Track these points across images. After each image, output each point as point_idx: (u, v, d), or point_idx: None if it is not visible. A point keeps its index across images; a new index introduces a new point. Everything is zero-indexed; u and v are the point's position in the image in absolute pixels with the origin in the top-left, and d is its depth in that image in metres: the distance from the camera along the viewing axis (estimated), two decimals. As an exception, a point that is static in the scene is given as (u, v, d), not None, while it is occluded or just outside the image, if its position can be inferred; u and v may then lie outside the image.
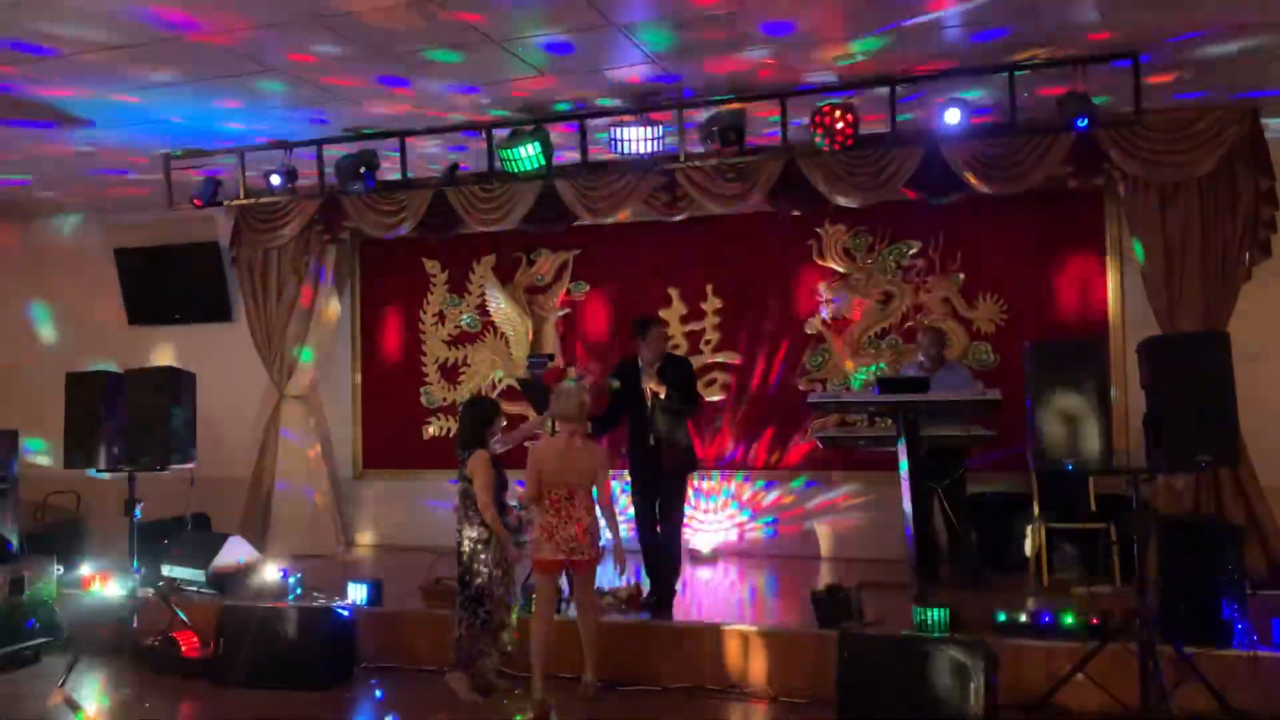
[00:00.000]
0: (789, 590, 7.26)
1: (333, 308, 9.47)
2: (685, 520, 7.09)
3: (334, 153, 7.37)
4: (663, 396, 6.55)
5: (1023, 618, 5.76)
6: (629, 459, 6.79)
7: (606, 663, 6.02)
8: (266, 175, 7.54)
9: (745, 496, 8.68)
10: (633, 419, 6.70)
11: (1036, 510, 7.15)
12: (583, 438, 5.64)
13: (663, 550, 6.68)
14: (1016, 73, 6.11)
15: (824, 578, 6.87)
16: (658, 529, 6.68)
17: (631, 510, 6.93)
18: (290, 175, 7.55)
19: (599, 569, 5.75)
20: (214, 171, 7.85)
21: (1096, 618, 5.65)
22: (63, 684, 6.24)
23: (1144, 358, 5.44)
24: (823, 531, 8.48)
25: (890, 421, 6.76)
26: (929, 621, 5.68)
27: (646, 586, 6.73)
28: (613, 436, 6.80)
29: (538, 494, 5.57)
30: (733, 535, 8.66)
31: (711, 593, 7.41)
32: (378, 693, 6.09)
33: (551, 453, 5.60)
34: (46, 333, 10.40)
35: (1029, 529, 7.18)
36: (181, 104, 6.64)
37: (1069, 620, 5.69)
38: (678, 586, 6.77)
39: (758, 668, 5.91)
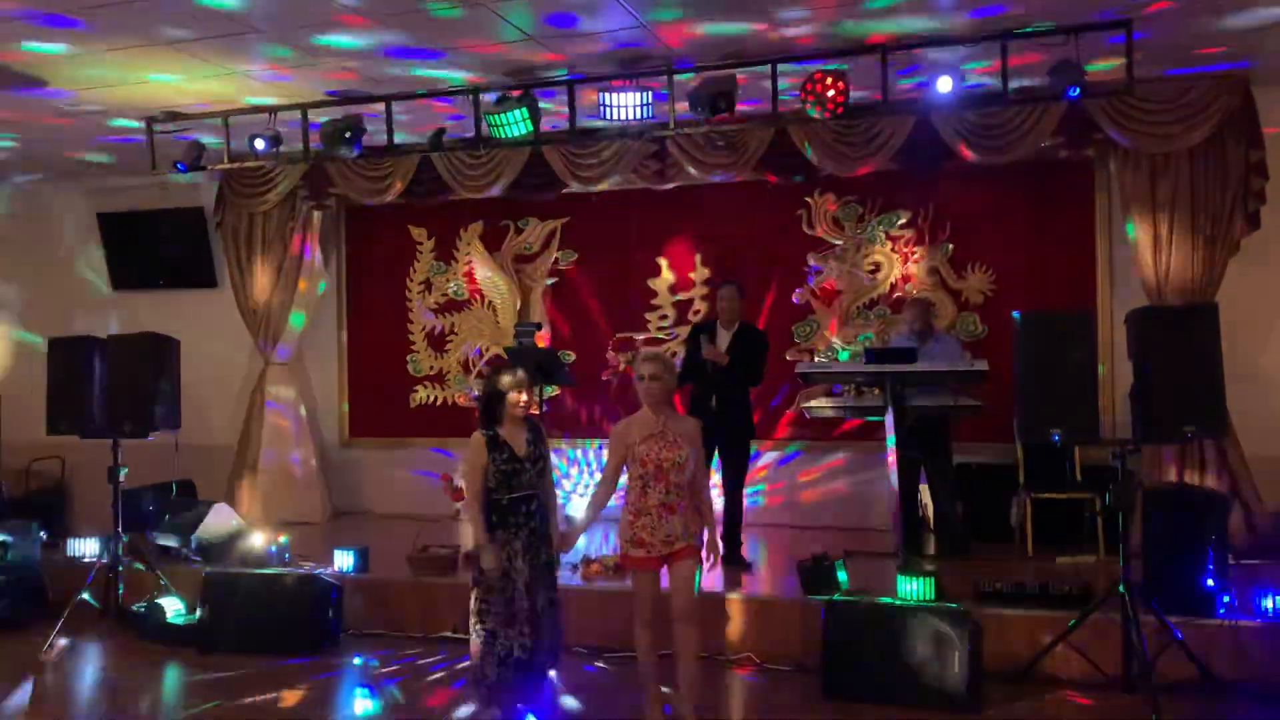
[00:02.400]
0: (775, 559, 7.29)
1: (318, 275, 9.40)
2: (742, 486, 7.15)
3: (319, 118, 7.28)
4: (724, 365, 6.72)
5: (1008, 587, 5.79)
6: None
7: (591, 631, 6.05)
8: (251, 140, 7.44)
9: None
10: (695, 384, 6.79)
11: (1022, 480, 7.18)
12: (670, 409, 4.71)
13: (727, 518, 6.87)
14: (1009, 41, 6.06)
15: (810, 547, 6.88)
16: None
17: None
18: (275, 140, 7.46)
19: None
20: (197, 136, 7.75)
21: (1080, 587, 5.69)
22: (48, 649, 6.23)
23: (1132, 329, 5.45)
24: (809, 501, 8.50)
25: (878, 392, 6.77)
26: (914, 591, 5.71)
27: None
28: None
29: (614, 477, 4.66)
30: (719, 505, 8.65)
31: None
32: (365, 659, 6.09)
33: (640, 428, 4.58)
34: (27, 296, 10.30)
35: (1014, 499, 7.22)
36: (166, 61, 6.54)
37: (1053, 590, 5.72)
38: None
39: (744, 635, 5.94)
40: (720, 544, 4.87)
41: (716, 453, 6.84)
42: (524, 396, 4.69)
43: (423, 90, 7.06)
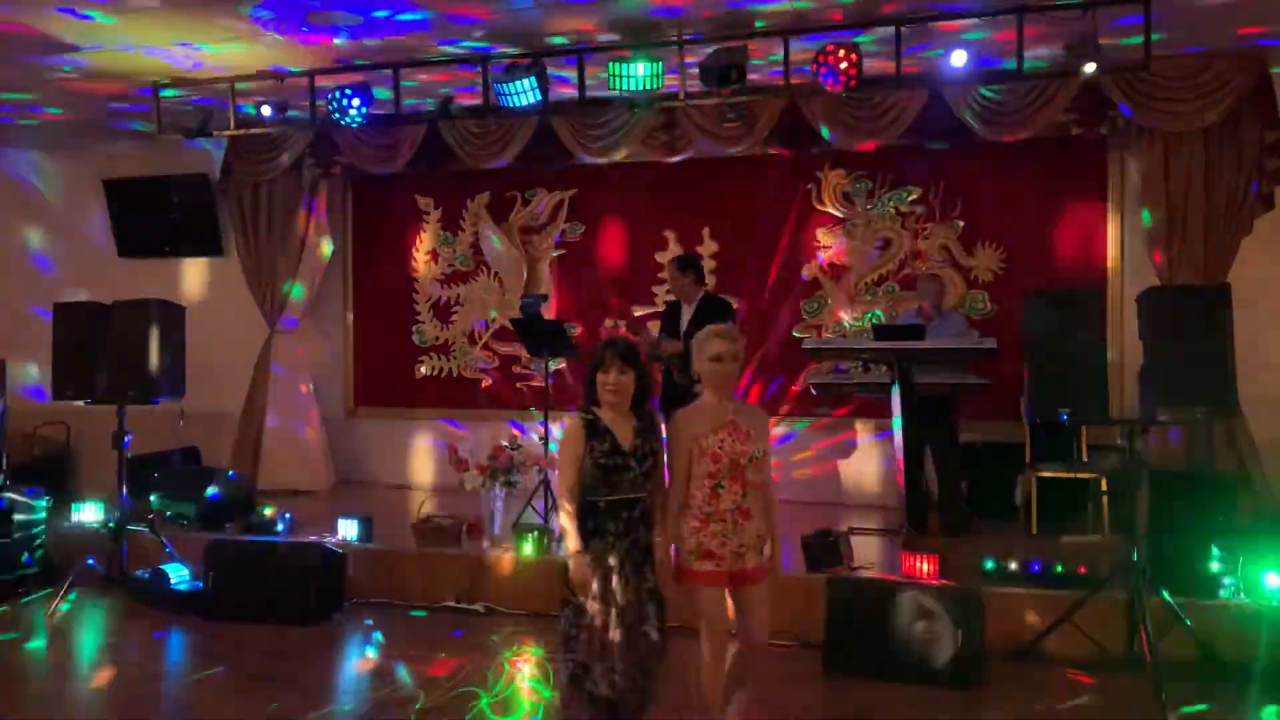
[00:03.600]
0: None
1: (325, 243, 9.36)
2: None
3: (327, 84, 7.22)
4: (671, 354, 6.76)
5: (1011, 566, 5.78)
6: (660, 400, 6.86)
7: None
8: (258, 105, 7.39)
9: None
10: (664, 366, 6.82)
11: (1028, 459, 7.16)
12: (732, 397, 4.00)
13: None
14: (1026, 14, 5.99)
15: (814, 523, 6.88)
16: None
17: None
18: (281, 106, 7.41)
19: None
20: (204, 101, 7.70)
21: (1085, 567, 5.69)
22: (51, 616, 6.26)
23: (1143, 309, 5.40)
24: (814, 477, 8.49)
25: (885, 368, 6.74)
26: (918, 568, 5.71)
27: None
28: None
29: (687, 478, 3.86)
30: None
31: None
32: (369, 629, 6.11)
33: (706, 419, 3.89)
34: (35, 263, 10.28)
35: (1019, 478, 7.20)
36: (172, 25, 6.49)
37: (1057, 569, 5.72)
38: None
39: (746, 610, 5.93)
40: (780, 567, 4.07)
41: None
42: (612, 376, 3.80)
43: (431, 58, 7.00)
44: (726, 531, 3.83)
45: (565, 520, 3.82)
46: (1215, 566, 5.42)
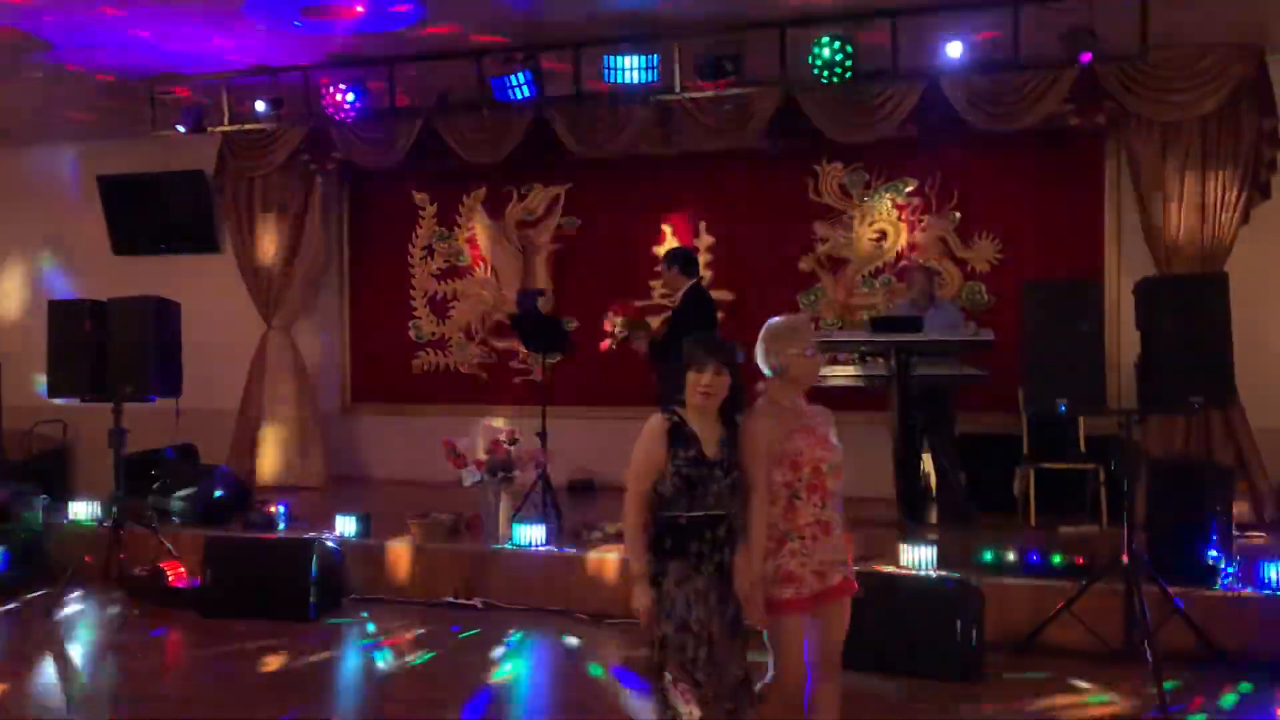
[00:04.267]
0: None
1: (320, 239, 9.34)
2: None
3: (322, 79, 7.20)
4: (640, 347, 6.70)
5: (1010, 557, 5.78)
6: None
7: (593, 597, 6.06)
8: (251, 101, 7.37)
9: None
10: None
11: (1025, 450, 7.16)
12: (809, 397, 3.59)
13: None
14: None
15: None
16: None
17: None
18: (275, 102, 7.39)
19: None
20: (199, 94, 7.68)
21: (1083, 558, 5.68)
22: (49, 613, 6.25)
23: (1140, 298, 5.39)
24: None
25: (881, 361, 6.73)
26: (916, 560, 5.70)
27: None
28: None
29: (767, 490, 3.38)
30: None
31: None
32: (366, 624, 6.11)
33: (786, 420, 3.46)
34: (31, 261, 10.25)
35: (1017, 469, 7.20)
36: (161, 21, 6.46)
37: (1055, 560, 5.71)
38: None
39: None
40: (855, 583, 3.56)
41: None
42: (707, 376, 3.34)
43: (426, 53, 6.98)
44: (806, 550, 3.36)
45: (630, 535, 3.35)
46: (1213, 556, 5.41)
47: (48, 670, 5.51)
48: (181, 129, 7.65)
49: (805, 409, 3.52)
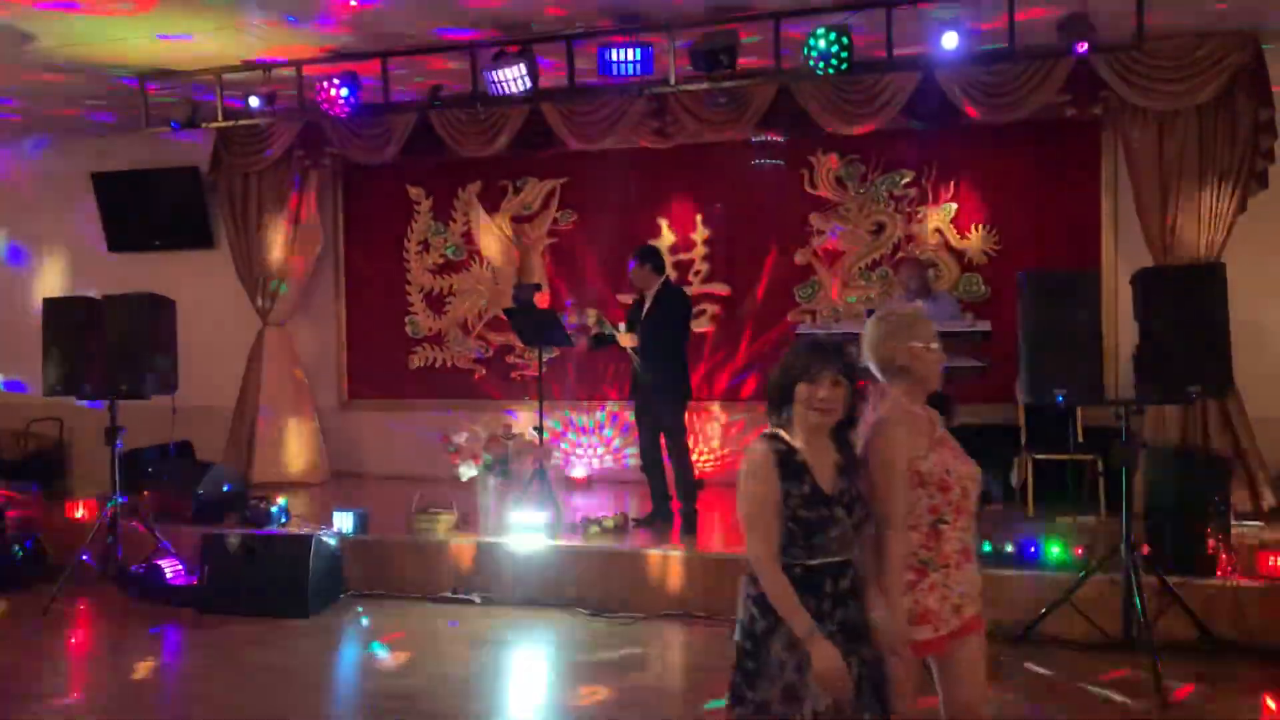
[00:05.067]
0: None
1: (316, 235, 9.31)
2: (689, 445, 7.10)
3: (315, 74, 7.17)
4: (628, 346, 6.79)
5: (1008, 548, 5.78)
6: (630, 387, 7.04)
7: (591, 591, 6.06)
8: (245, 96, 7.35)
9: (733, 428, 8.66)
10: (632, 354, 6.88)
11: (1023, 441, 7.15)
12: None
13: (676, 477, 6.85)
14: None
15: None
16: (663, 457, 6.89)
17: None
18: (269, 98, 7.36)
19: None
20: (193, 90, 7.64)
21: (1081, 548, 5.68)
22: (47, 612, 6.24)
23: (1137, 289, 5.39)
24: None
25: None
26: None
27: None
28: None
29: (909, 516, 2.87)
30: (727, 466, 8.63)
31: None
32: (364, 620, 6.10)
33: (927, 434, 3.01)
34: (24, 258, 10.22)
35: (1015, 460, 7.19)
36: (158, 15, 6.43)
37: (1054, 551, 5.71)
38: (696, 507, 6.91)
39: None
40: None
41: (652, 415, 6.87)
42: (824, 390, 2.76)
43: (419, 47, 6.95)
44: (947, 582, 2.88)
45: (778, 591, 2.71)
46: (1212, 546, 5.41)
47: (43, 670, 5.49)
48: (175, 125, 7.61)
49: (936, 416, 3.05)
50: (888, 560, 2.81)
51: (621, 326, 6.94)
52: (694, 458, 7.37)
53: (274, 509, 7.09)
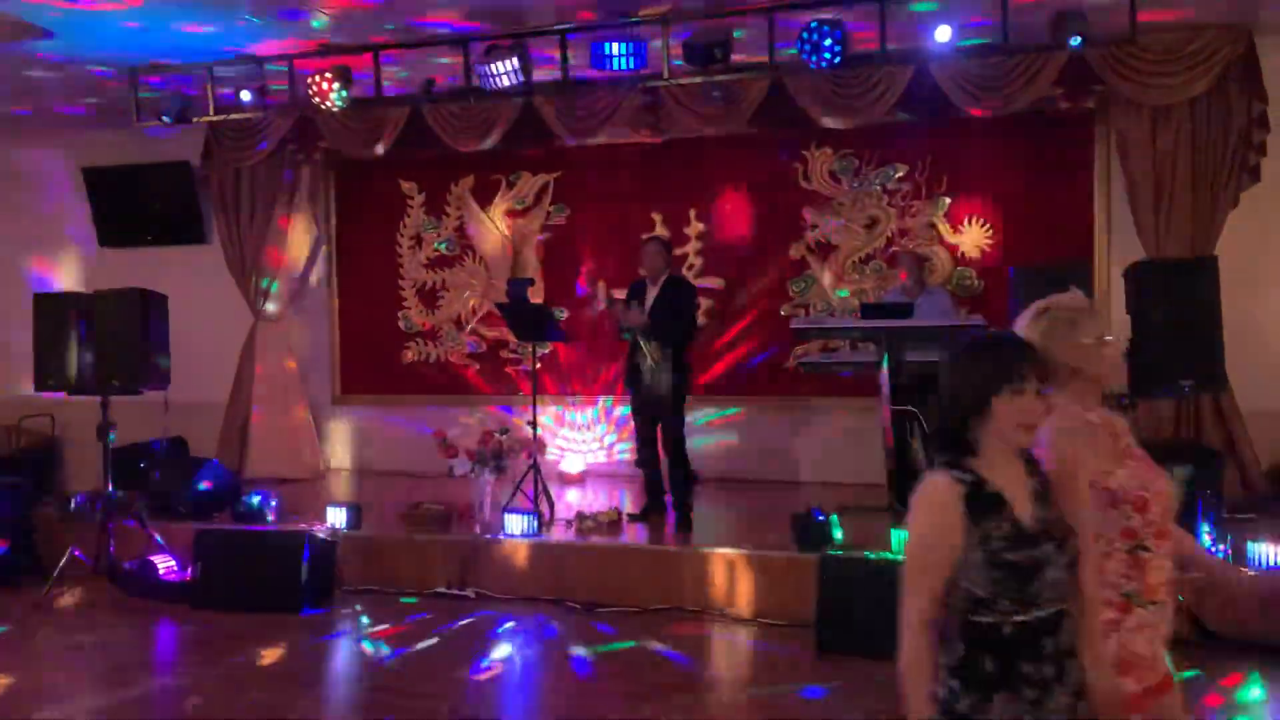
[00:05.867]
0: (770, 514, 7.27)
1: (308, 229, 9.29)
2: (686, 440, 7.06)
3: (306, 68, 7.14)
4: (646, 325, 6.66)
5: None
6: (626, 378, 6.94)
7: (585, 586, 6.06)
8: (236, 90, 7.32)
9: (728, 422, 8.66)
10: (630, 344, 6.79)
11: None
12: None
13: (672, 472, 6.81)
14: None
15: (804, 502, 6.88)
16: (659, 451, 6.86)
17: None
18: (261, 91, 7.33)
19: None
20: (184, 84, 7.61)
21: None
22: (38, 609, 6.22)
23: (1130, 282, 5.40)
24: (803, 456, 8.48)
25: (872, 347, 6.72)
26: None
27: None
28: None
29: (1099, 542, 2.41)
30: (720, 461, 8.63)
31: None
32: (358, 615, 6.09)
33: (1111, 445, 2.49)
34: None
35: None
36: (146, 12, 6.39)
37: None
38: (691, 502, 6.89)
39: (736, 590, 5.93)
40: None
41: (652, 409, 6.82)
42: (1027, 399, 2.16)
43: (411, 40, 6.92)
44: (1156, 620, 2.41)
45: (913, 665, 2.16)
46: (1205, 538, 5.42)
47: (39, 668, 5.48)
48: (167, 120, 7.57)
49: (1120, 424, 2.50)
50: (1084, 593, 2.23)
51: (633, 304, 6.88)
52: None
53: (267, 504, 7.06)
